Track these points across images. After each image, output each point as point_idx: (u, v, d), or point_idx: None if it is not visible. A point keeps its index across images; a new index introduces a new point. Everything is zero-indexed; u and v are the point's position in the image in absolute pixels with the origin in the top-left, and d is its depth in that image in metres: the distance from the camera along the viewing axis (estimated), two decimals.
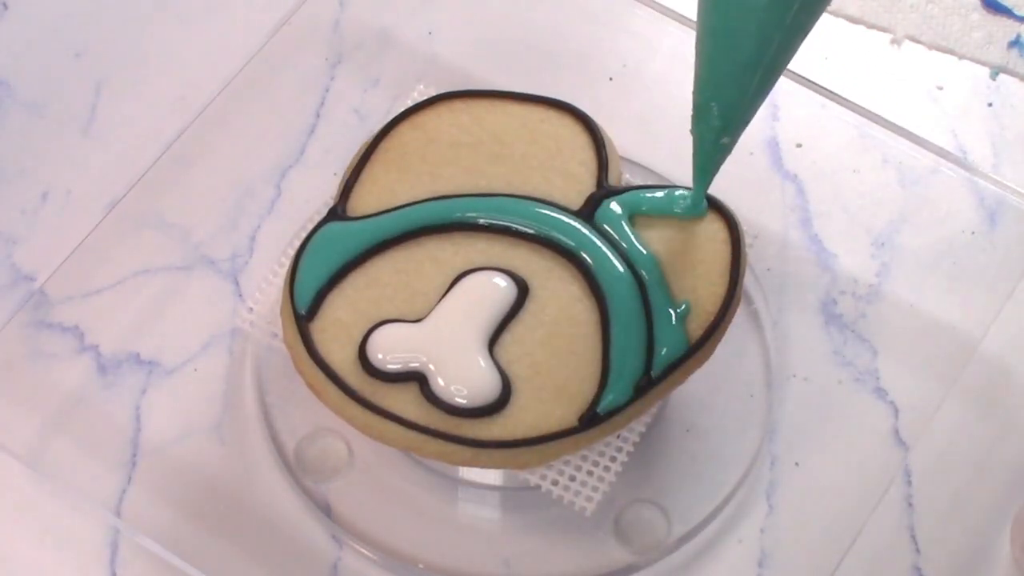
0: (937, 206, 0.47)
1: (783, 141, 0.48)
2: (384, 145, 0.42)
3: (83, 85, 0.50)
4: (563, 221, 0.40)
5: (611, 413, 0.38)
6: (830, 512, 0.42)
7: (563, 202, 0.41)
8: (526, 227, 0.40)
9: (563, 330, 0.39)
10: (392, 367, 0.39)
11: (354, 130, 0.44)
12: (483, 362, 0.39)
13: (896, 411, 0.44)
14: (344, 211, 0.41)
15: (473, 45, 0.50)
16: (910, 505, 0.42)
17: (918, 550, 0.42)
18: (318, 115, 0.48)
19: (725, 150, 0.37)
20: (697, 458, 0.43)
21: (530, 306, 0.40)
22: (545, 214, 0.40)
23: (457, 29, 0.50)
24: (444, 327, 0.39)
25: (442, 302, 0.39)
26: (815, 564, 0.41)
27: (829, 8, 0.51)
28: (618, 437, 0.40)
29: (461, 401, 0.38)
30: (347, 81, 0.49)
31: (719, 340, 0.39)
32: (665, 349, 0.39)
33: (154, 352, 0.44)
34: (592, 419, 0.38)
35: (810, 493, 0.43)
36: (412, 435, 0.38)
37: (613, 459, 0.40)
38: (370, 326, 0.39)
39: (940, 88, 0.50)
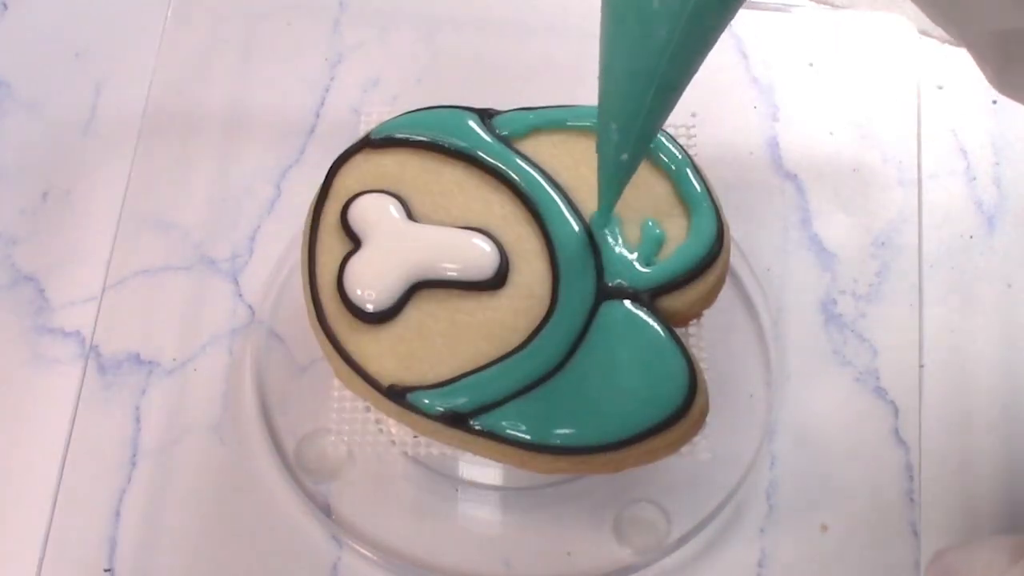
0: (937, 206, 0.47)
1: (783, 141, 0.48)
2: None
3: (83, 85, 0.50)
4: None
5: None
6: (830, 512, 0.42)
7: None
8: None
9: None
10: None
11: (354, 130, 0.44)
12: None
13: (896, 411, 0.44)
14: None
15: (473, 45, 0.50)
16: (911, 501, 0.42)
17: (919, 548, 0.42)
18: (318, 115, 0.48)
19: (626, 167, 0.37)
20: (697, 458, 0.43)
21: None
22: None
23: (457, 29, 0.50)
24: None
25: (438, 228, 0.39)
26: (815, 564, 0.41)
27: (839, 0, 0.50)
28: None
29: None
30: (347, 81, 0.49)
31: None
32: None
33: (154, 352, 0.44)
34: None
35: (810, 493, 0.43)
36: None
37: None
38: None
39: (941, 87, 0.50)
